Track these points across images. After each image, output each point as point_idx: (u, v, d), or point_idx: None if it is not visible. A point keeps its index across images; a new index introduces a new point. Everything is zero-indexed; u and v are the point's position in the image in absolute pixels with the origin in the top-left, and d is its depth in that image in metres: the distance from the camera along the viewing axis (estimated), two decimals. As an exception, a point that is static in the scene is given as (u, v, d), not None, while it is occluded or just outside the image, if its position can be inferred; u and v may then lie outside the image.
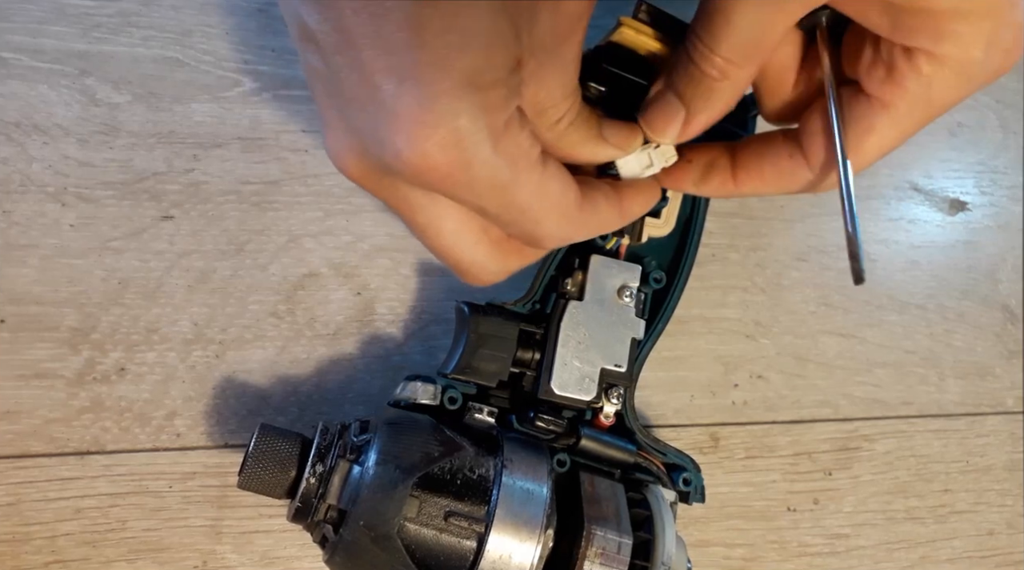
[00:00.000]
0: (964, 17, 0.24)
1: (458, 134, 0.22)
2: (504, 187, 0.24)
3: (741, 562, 0.40)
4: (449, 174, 0.23)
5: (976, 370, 0.45)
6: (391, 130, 0.22)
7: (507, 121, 0.23)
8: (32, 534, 0.34)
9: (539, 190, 0.25)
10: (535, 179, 0.25)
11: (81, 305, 0.36)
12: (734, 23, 0.25)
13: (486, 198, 0.25)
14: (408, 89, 0.22)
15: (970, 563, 0.42)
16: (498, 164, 0.24)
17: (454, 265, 0.29)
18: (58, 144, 0.37)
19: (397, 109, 0.22)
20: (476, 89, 0.22)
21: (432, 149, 0.22)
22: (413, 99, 0.22)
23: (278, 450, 0.30)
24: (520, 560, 0.28)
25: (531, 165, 0.25)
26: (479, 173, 0.23)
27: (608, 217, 0.29)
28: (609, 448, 0.33)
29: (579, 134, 0.27)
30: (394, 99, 0.22)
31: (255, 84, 0.40)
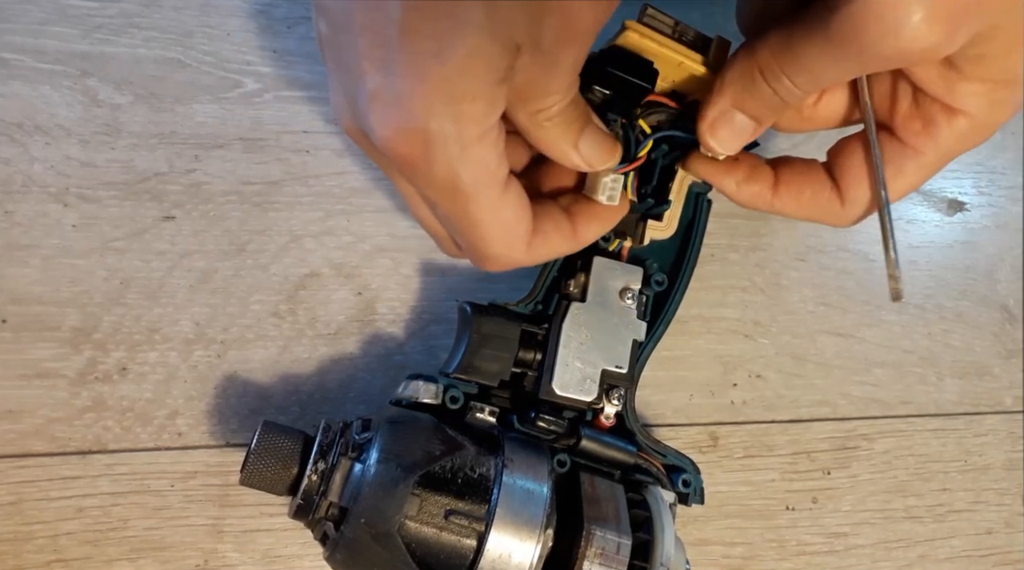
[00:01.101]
0: (1009, 85, 0.27)
1: (426, 135, 0.23)
2: (460, 194, 0.25)
3: (740, 561, 0.40)
4: (410, 163, 0.24)
5: (974, 370, 0.45)
6: (369, 110, 0.24)
7: (481, 134, 0.24)
8: (34, 533, 0.34)
9: (493, 210, 0.26)
10: (492, 198, 0.26)
11: (83, 305, 0.36)
12: (819, 67, 0.27)
13: (440, 198, 0.26)
14: (390, 82, 0.23)
15: (968, 562, 0.42)
16: (459, 171, 0.25)
17: (431, 235, 0.31)
18: (60, 145, 0.37)
19: (377, 95, 0.23)
20: (451, 99, 0.23)
21: (398, 139, 0.24)
22: (391, 93, 0.23)
23: (280, 447, 0.30)
24: (520, 559, 0.28)
25: (493, 183, 0.26)
26: (438, 172, 0.24)
27: (558, 246, 0.30)
28: (609, 449, 0.33)
29: (556, 132, 0.27)
30: (376, 87, 0.23)
31: (256, 85, 0.40)
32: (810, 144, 0.46)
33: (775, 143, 0.45)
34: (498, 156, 0.25)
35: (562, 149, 0.28)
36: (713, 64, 0.34)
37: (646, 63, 0.32)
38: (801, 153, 0.46)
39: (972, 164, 0.48)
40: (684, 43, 0.33)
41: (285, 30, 0.41)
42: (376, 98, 0.23)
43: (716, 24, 0.34)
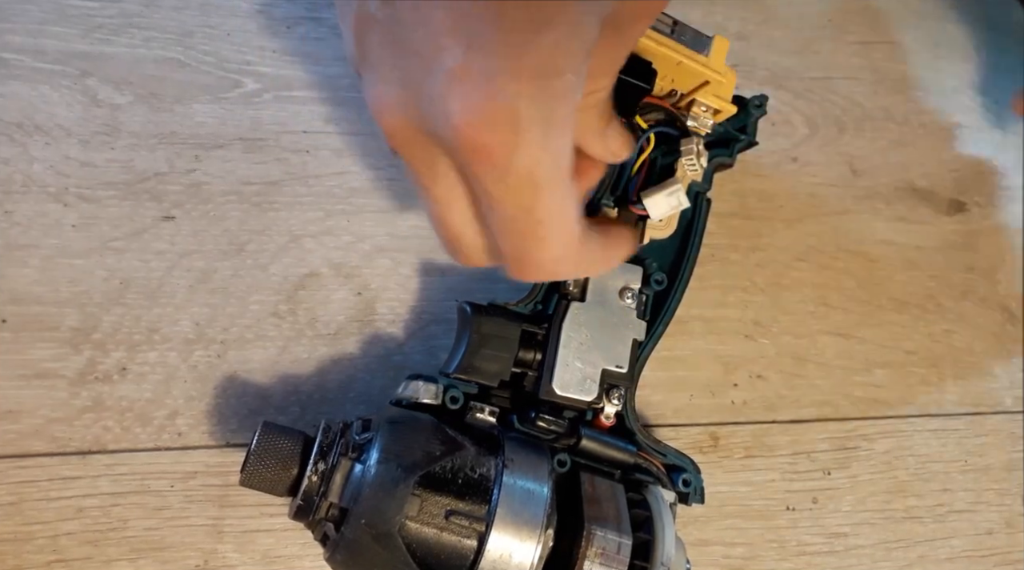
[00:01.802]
0: None
1: (515, 115, 0.21)
2: (534, 187, 0.23)
3: (740, 561, 0.40)
4: (487, 152, 0.22)
5: (975, 370, 0.45)
6: (449, 94, 0.21)
7: (567, 116, 0.22)
8: (34, 533, 0.34)
9: (560, 207, 0.24)
10: (562, 193, 0.24)
11: (82, 305, 0.36)
12: None
13: (511, 192, 0.23)
14: (475, 58, 0.21)
15: (968, 562, 0.42)
16: (541, 160, 0.22)
17: (450, 242, 0.28)
18: (60, 145, 0.37)
19: (459, 75, 0.21)
20: (547, 75, 0.21)
21: (481, 122, 0.21)
22: (478, 71, 0.21)
23: (280, 448, 0.30)
24: (520, 559, 0.28)
25: (565, 176, 0.24)
26: (519, 161, 0.22)
27: (595, 260, 0.28)
28: (609, 449, 0.33)
29: (592, 120, 0.27)
30: (458, 65, 0.21)
31: (256, 85, 0.40)
32: (811, 143, 0.46)
33: (775, 143, 0.45)
34: (571, 149, 0.23)
35: (592, 137, 0.27)
36: (712, 63, 0.34)
37: (645, 63, 0.32)
38: (803, 151, 0.46)
39: (973, 164, 0.48)
40: (683, 43, 0.33)
41: (285, 30, 0.41)
42: (458, 76, 0.21)
43: (716, 24, 0.34)
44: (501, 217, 0.25)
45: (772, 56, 0.46)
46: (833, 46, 0.48)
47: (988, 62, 0.50)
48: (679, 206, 0.34)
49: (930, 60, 0.49)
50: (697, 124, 0.37)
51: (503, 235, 0.26)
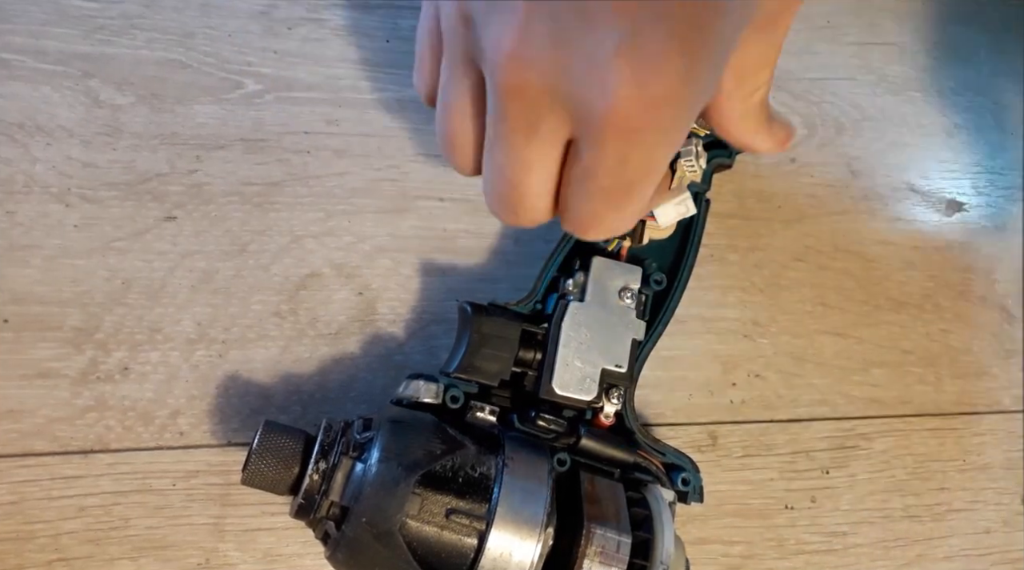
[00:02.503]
0: None
1: (678, 101, 0.20)
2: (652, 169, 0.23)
3: (739, 560, 0.40)
4: (633, 132, 0.21)
5: (973, 370, 0.45)
6: (611, 68, 0.20)
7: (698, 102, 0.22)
8: (36, 532, 0.34)
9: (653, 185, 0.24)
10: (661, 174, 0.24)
11: (84, 305, 0.36)
12: None
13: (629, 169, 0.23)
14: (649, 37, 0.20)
15: (967, 561, 0.43)
16: (673, 145, 0.22)
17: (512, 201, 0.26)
18: (61, 145, 0.37)
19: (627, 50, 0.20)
20: (716, 65, 0.21)
21: (641, 102, 0.20)
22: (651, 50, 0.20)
23: (282, 447, 0.30)
24: (520, 558, 0.28)
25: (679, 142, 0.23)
26: (659, 145, 0.22)
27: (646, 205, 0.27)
28: (609, 448, 0.34)
29: (758, 113, 0.26)
30: (626, 40, 0.20)
31: (258, 86, 0.40)
32: (810, 143, 0.46)
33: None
34: None
35: (757, 133, 0.26)
36: None
37: None
38: (802, 152, 0.46)
39: (971, 164, 0.48)
40: None
41: (286, 31, 0.41)
42: (627, 52, 0.20)
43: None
44: (598, 186, 0.24)
45: (771, 57, 0.47)
46: (832, 47, 0.48)
47: (987, 63, 0.50)
48: (686, 213, 0.34)
49: (928, 61, 0.49)
50: (696, 124, 0.37)
51: (588, 200, 0.24)
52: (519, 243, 0.41)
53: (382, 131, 0.41)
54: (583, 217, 0.25)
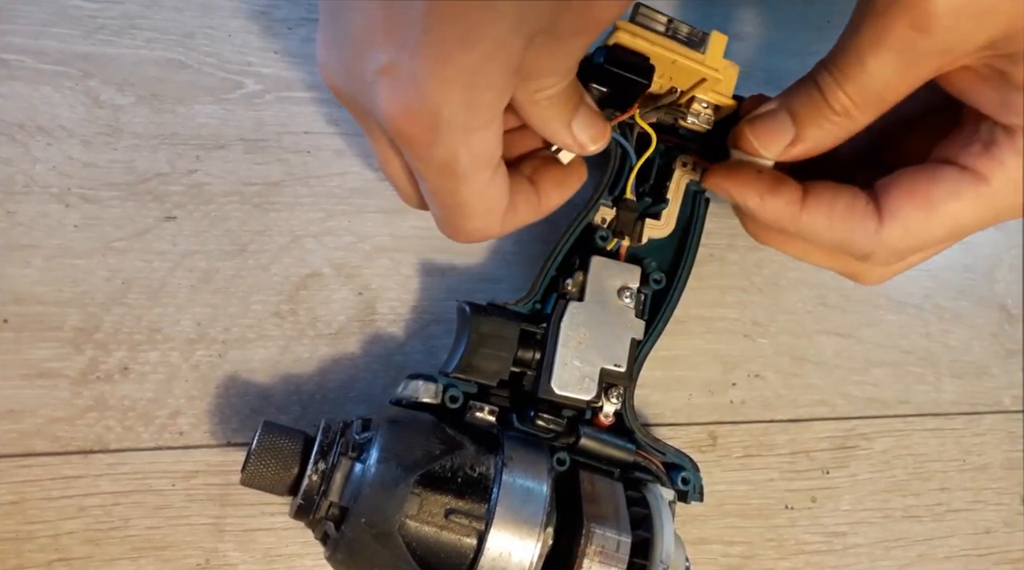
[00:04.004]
0: None
1: (435, 118, 0.23)
2: (455, 176, 0.25)
3: (739, 560, 0.40)
4: (411, 140, 0.24)
5: (973, 369, 0.45)
6: (376, 83, 0.23)
7: (488, 121, 0.24)
8: (35, 532, 0.34)
9: (481, 192, 0.26)
10: (484, 180, 0.26)
11: (84, 305, 0.36)
12: (869, 68, 0.25)
13: (433, 176, 0.26)
14: (405, 60, 0.23)
15: (967, 561, 0.43)
16: (460, 156, 0.24)
17: (390, 181, 0.31)
18: (62, 145, 0.37)
19: (389, 71, 0.23)
20: (469, 87, 0.23)
21: (405, 118, 0.23)
22: (405, 72, 0.23)
23: (281, 447, 0.30)
24: (520, 558, 0.28)
25: (488, 167, 0.26)
26: (439, 154, 0.24)
27: (525, 217, 0.30)
28: (608, 447, 0.34)
29: (552, 113, 0.28)
30: (389, 62, 0.23)
31: (258, 86, 0.40)
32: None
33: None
34: (498, 142, 0.25)
35: (556, 128, 0.28)
36: (709, 59, 0.34)
37: (643, 59, 0.32)
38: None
39: (970, 164, 0.48)
40: (678, 40, 0.33)
41: (286, 31, 0.41)
42: (387, 73, 0.23)
43: (715, 25, 0.34)
44: (428, 190, 0.27)
45: (771, 57, 0.47)
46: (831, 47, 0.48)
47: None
48: None
49: (928, 61, 0.49)
50: (698, 122, 0.37)
51: (431, 203, 0.28)
52: (519, 243, 0.41)
53: (382, 131, 0.41)
54: (438, 218, 0.29)
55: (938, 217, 0.27)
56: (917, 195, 0.27)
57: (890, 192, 0.28)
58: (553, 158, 0.32)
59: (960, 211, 0.27)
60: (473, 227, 0.28)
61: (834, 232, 0.29)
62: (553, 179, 0.31)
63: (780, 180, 0.30)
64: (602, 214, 0.36)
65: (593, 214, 0.36)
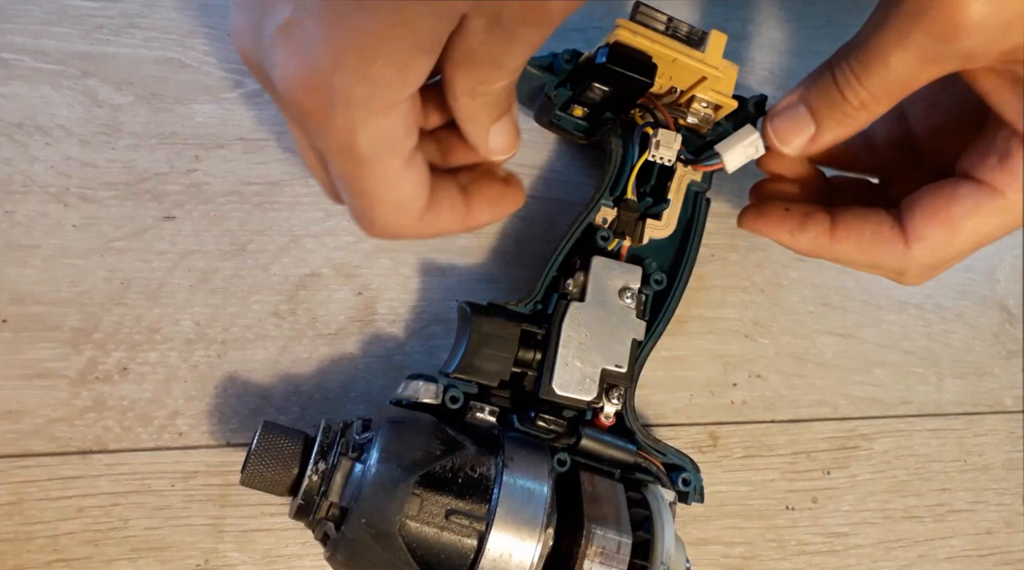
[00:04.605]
0: None
1: (329, 89, 0.22)
2: (356, 158, 0.24)
3: (740, 561, 0.40)
4: (307, 112, 0.22)
5: (974, 370, 0.45)
6: (273, 44, 0.22)
7: (391, 102, 0.22)
8: (34, 533, 0.34)
9: (388, 181, 0.25)
10: (391, 169, 0.24)
11: (83, 305, 0.36)
12: (890, 66, 0.26)
13: (334, 155, 0.24)
14: (302, 20, 0.21)
15: (968, 562, 0.43)
16: (359, 136, 0.23)
17: (310, 172, 0.29)
18: (60, 145, 0.37)
19: (285, 32, 0.22)
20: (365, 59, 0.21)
21: (299, 84, 0.22)
22: (301, 32, 0.21)
23: (281, 447, 0.30)
24: (520, 558, 0.28)
25: (394, 154, 0.24)
26: (336, 131, 0.23)
27: (449, 224, 0.29)
28: (609, 448, 0.34)
29: (481, 111, 0.26)
30: (287, 20, 0.21)
31: (257, 85, 0.40)
32: (810, 144, 0.46)
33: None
34: (406, 128, 0.24)
35: (476, 128, 0.27)
36: (709, 58, 0.34)
37: (645, 58, 0.32)
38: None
39: (971, 164, 0.48)
40: (678, 39, 0.33)
41: (285, 30, 0.41)
42: (284, 33, 0.21)
43: (716, 24, 0.34)
44: (334, 174, 0.25)
45: (772, 56, 0.47)
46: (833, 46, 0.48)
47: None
48: (756, 154, 0.32)
49: (929, 60, 0.49)
50: (698, 121, 0.37)
51: (340, 190, 0.26)
52: (519, 243, 0.41)
53: (382, 131, 0.41)
54: (349, 209, 0.27)
55: (960, 235, 0.28)
56: (939, 215, 0.28)
57: (913, 214, 0.29)
58: (493, 175, 0.30)
59: (981, 225, 0.28)
60: (384, 221, 0.26)
61: (864, 256, 0.31)
62: (487, 196, 0.30)
63: (808, 215, 0.31)
64: (603, 214, 0.36)
65: (594, 214, 0.36)
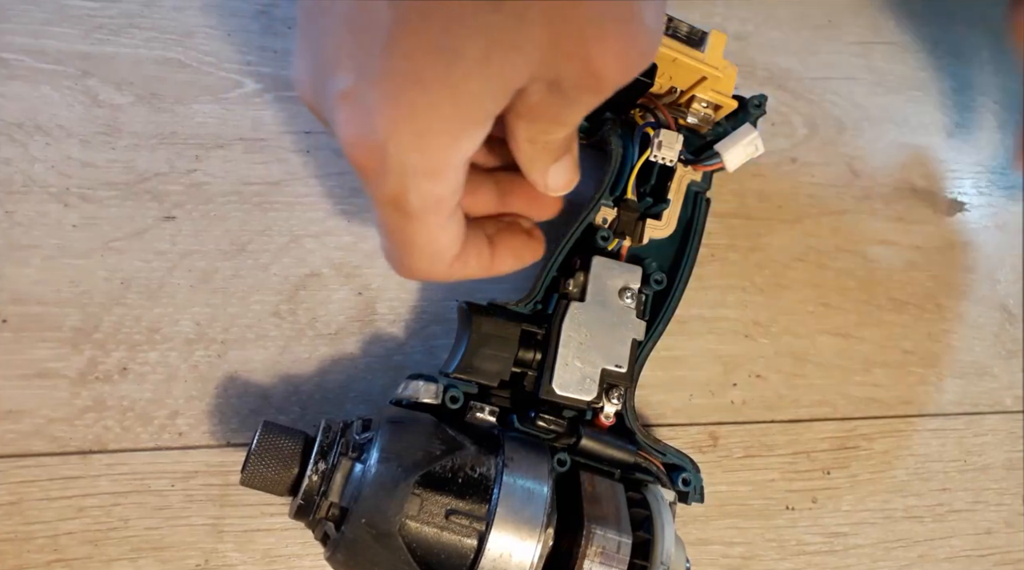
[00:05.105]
0: None
1: (384, 155, 0.22)
2: (404, 214, 0.25)
3: (740, 561, 0.40)
4: (363, 169, 0.23)
5: (974, 370, 0.45)
6: (336, 107, 0.23)
7: (442, 169, 0.23)
8: (34, 533, 0.34)
9: (432, 235, 0.26)
10: (434, 225, 0.26)
11: (83, 305, 0.36)
12: None
13: (383, 208, 0.25)
14: (362, 89, 0.22)
15: (968, 562, 0.42)
16: (409, 196, 0.24)
17: None
18: (60, 145, 0.37)
19: (347, 97, 0.22)
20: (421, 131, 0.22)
21: (357, 146, 0.23)
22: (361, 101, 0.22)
23: (281, 447, 0.30)
24: (520, 558, 0.28)
25: (440, 211, 0.25)
26: (388, 189, 0.24)
27: (473, 271, 0.30)
28: (609, 448, 0.33)
29: (542, 155, 0.27)
30: (349, 87, 0.22)
31: (257, 85, 0.40)
32: (811, 143, 0.46)
33: (775, 143, 0.46)
34: (452, 190, 0.25)
35: (537, 168, 0.28)
36: (709, 58, 0.34)
37: None
38: (802, 151, 0.46)
39: (972, 164, 0.48)
40: (678, 39, 0.33)
41: (286, 30, 0.41)
42: (346, 99, 0.22)
43: (716, 24, 0.34)
44: (377, 221, 0.27)
45: (772, 56, 0.47)
46: (833, 46, 0.48)
47: (988, 62, 0.50)
48: (756, 153, 0.33)
49: (929, 60, 0.49)
50: (698, 121, 0.37)
51: (380, 232, 0.28)
52: (519, 243, 0.41)
53: (382, 131, 0.41)
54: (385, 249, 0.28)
55: None
56: None
57: None
58: (518, 226, 0.32)
59: None
60: (417, 267, 0.28)
61: None
62: (511, 246, 0.31)
63: None
64: (603, 214, 0.36)
65: (594, 214, 0.36)
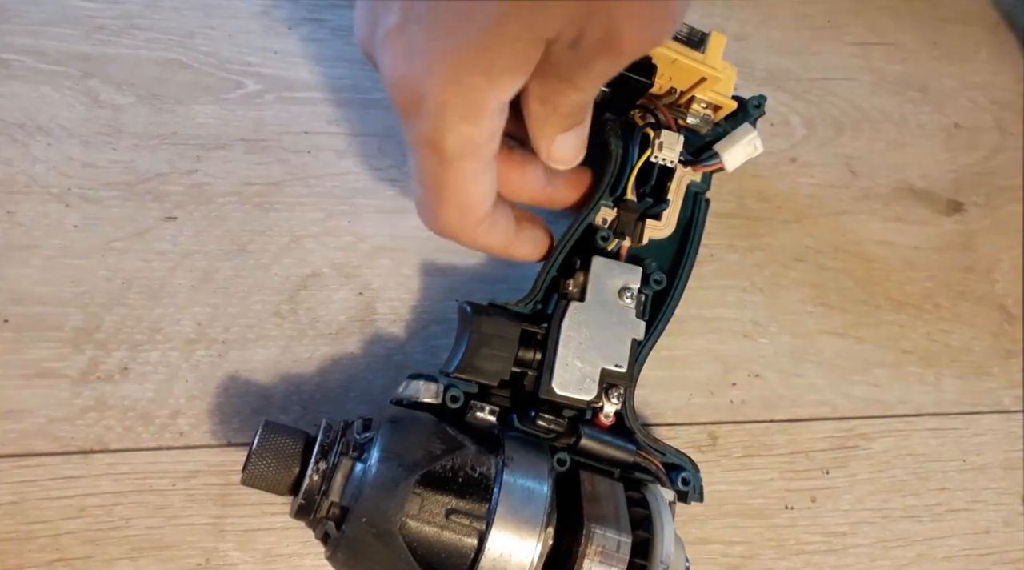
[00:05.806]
0: None
1: (422, 94, 0.23)
2: (439, 155, 0.25)
3: (739, 560, 0.40)
4: (404, 109, 0.24)
5: (973, 370, 0.45)
6: (383, 45, 0.24)
7: (478, 112, 0.24)
8: (36, 532, 0.34)
9: (466, 182, 0.26)
10: (470, 171, 0.26)
11: (85, 305, 0.36)
12: None
13: (418, 147, 0.25)
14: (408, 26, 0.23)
15: (967, 561, 0.43)
16: (445, 137, 0.24)
17: None
18: (62, 145, 0.37)
19: (394, 34, 0.23)
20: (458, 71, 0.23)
21: (398, 85, 0.23)
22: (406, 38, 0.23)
23: (282, 447, 0.30)
24: (520, 558, 0.28)
25: (476, 157, 0.25)
26: (425, 129, 0.24)
27: (498, 241, 0.30)
28: (609, 447, 0.34)
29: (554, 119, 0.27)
30: (396, 24, 0.23)
31: (258, 86, 0.40)
32: (810, 143, 0.46)
33: (774, 144, 0.46)
34: (491, 134, 0.25)
35: (545, 135, 0.28)
36: (709, 59, 0.34)
37: (645, 59, 0.33)
38: (801, 152, 0.46)
39: (971, 164, 0.48)
40: (678, 40, 0.33)
41: (286, 31, 0.41)
42: (392, 35, 0.23)
43: (715, 25, 0.34)
44: (413, 165, 0.27)
45: (771, 57, 0.47)
46: (832, 47, 0.48)
47: (987, 63, 0.50)
48: (755, 153, 0.33)
49: (928, 61, 0.49)
50: (698, 121, 0.37)
51: (414, 179, 0.28)
52: (519, 243, 0.41)
53: (382, 131, 0.41)
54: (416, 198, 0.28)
55: None
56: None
57: None
58: (539, 220, 0.34)
59: None
60: (448, 218, 0.28)
61: None
62: (533, 234, 0.32)
63: None
64: (603, 214, 0.36)
65: (594, 214, 0.36)
